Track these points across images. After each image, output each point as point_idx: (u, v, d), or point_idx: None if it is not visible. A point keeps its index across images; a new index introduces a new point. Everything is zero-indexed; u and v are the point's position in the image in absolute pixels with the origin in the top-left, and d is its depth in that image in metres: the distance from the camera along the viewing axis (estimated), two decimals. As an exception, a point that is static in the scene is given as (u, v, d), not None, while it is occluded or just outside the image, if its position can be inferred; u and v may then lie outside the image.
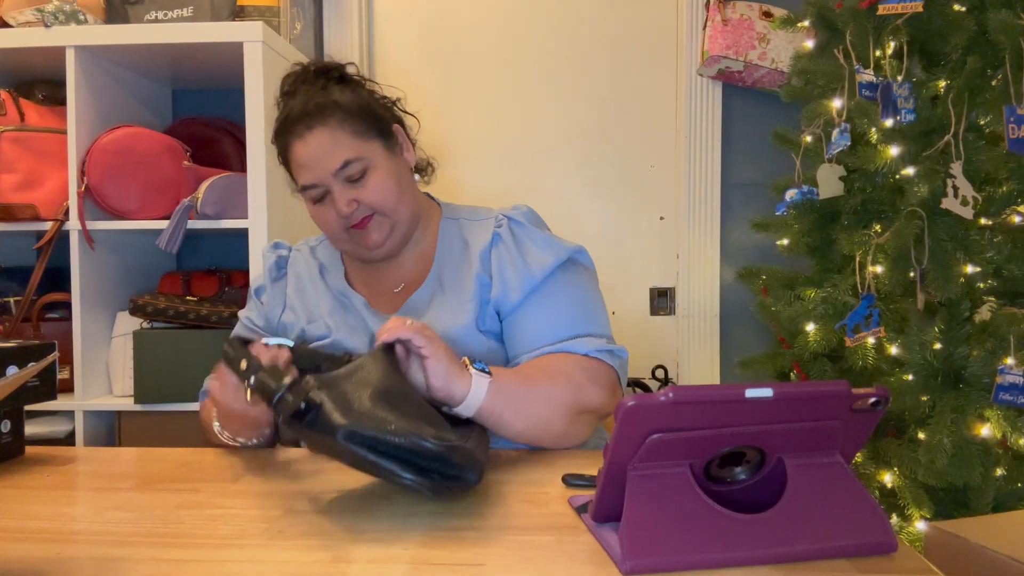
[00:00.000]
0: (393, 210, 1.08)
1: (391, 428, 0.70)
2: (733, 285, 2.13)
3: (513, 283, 1.07)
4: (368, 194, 1.06)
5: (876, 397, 0.64)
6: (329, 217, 1.08)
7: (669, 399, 0.59)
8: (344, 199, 1.06)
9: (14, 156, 1.68)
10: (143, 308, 1.67)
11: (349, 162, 1.05)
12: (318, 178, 1.06)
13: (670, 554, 0.61)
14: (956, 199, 1.37)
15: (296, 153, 1.08)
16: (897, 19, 1.48)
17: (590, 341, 1.04)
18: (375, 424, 0.71)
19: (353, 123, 1.07)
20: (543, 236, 1.12)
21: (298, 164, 1.08)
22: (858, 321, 1.46)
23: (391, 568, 0.63)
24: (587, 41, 2.19)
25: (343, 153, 1.05)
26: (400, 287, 1.16)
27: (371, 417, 0.72)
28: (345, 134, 1.06)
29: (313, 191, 1.08)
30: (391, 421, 0.72)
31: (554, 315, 1.06)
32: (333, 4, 2.16)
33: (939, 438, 1.32)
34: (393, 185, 1.09)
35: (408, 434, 0.70)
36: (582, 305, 1.09)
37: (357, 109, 1.08)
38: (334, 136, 1.05)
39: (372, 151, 1.08)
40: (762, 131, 2.02)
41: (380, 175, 1.08)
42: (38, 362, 0.82)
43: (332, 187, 1.06)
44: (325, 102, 1.06)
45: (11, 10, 1.70)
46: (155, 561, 0.65)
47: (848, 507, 0.65)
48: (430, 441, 0.70)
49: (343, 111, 1.07)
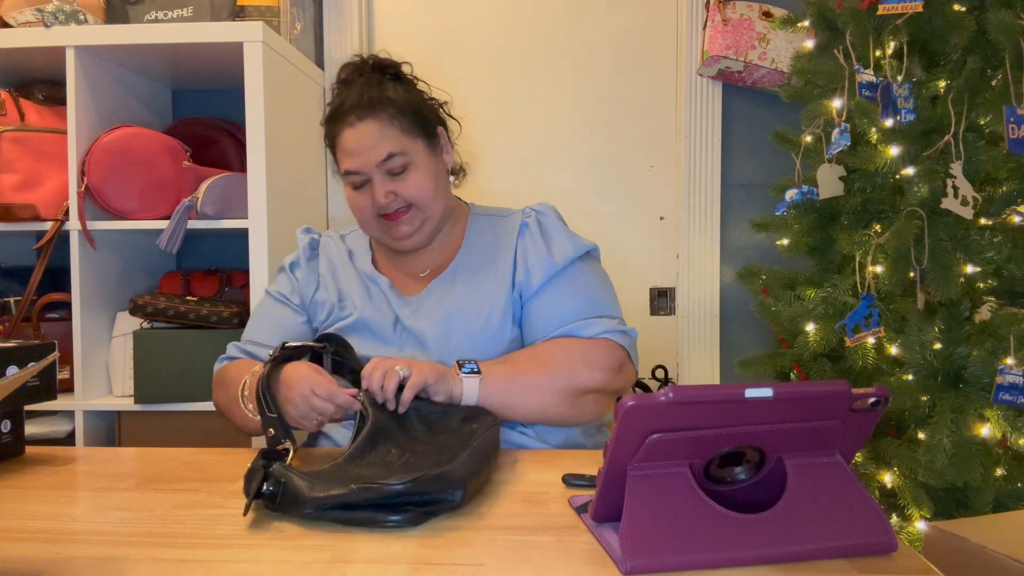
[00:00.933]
0: (427, 206, 1.14)
1: (351, 487, 0.74)
2: (733, 285, 2.13)
3: (536, 269, 1.14)
4: (406, 188, 1.13)
5: (876, 397, 0.64)
6: (365, 204, 1.14)
7: (669, 399, 0.59)
8: (383, 190, 1.12)
9: (14, 156, 1.68)
10: (143, 308, 1.67)
11: (393, 155, 1.11)
12: (362, 166, 1.12)
13: (670, 554, 0.61)
14: (956, 199, 1.37)
15: (344, 140, 1.13)
16: (897, 19, 1.48)
17: (600, 322, 1.10)
18: (339, 485, 0.74)
19: (402, 120, 1.13)
20: (566, 230, 1.20)
21: (344, 151, 1.14)
22: (858, 321, 1.46)
23: (391, 568, 0.63)
24: (587, 41, 2.19)
25: (388, 146, 1.11)
26: (426, 271, 1.21)
27: (336, 479, 0.76)
28: (393, 129, 1.12)
29: (355, 177, 1.14)
30: (352, 479, 0.75)
31: (569, 300, 1.13)
32: (333, 4, 2.16)
33: (939, 438, 1.32)
34: (431, 183, 1.15)
35: (370, 485, 0.73)
36: (595, 291, 1.16)
37: (407, 107, 1.14)
38: (382, 130, 1.12)
39: (415, 148, 1.14)
40: (762, 131, 2.02)
41: (420, 172, 1.14)
42: (38, 362, 0.82)
43: (373, 177, 1.12)
44: (379, 96, 1.13)
45: (11, 10, 1.70)
46: (155, 561, 0.65)
47: (848, 507, 0.65)
48: (392, 484, 0.73)
49: (394, 107, 1.13)
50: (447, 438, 0.90)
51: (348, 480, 0.75)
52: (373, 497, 0.73)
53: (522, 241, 1.18)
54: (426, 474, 0.74)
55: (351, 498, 0.73)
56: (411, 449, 0.87)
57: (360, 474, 0.79)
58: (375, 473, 0.78)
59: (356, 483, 0.74)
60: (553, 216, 1.21)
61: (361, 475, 0.78)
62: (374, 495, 0.73)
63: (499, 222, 1.23)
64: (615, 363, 1.09)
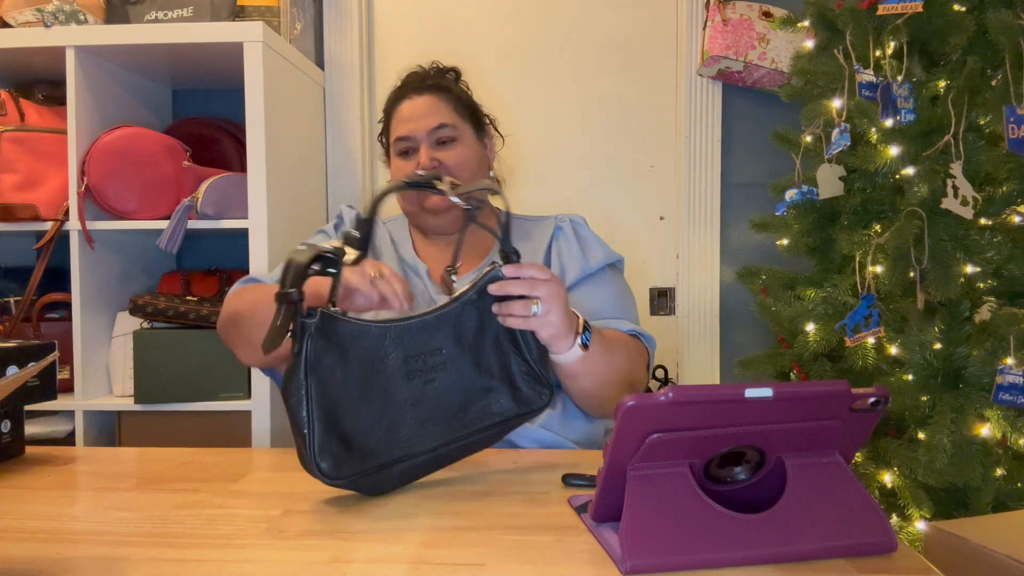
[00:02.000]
0: (466, 180, 1.19)
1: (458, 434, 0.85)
2: (733, 285, 2.13)
3: (570, 267, 1.20)
4: (450, 158, 1.20)
5: (876, 397, 0.64)
6: (408, 170, 1.21)
7: (669, 399, 0.59)
8: (428, 155, 1.20)
9: (14, 156, 1.68)
10: (143, 308, 1.67)
11: (444, 125, 1.21)
12: (413, 131, 1.21)
13: (670, 554, 0.61)
14: (956, 199, 1.37)
15: (401, 109, 1.24)
16: (897, 19, 1.48)
17: (628, 324, 1.15)
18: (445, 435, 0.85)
19: (456, 104, 1.24)
20: (598, 239, 1.26)
21: (400, 119, 1.23)
22: (858, 321, 1.46)
23: (391, 568, 0.63)
24: (587, 41, 2.19)
25: (441, 117, 1.21)
26: (459, 264, 1.20)
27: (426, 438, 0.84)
28: (447, 107, 1.23)
29: (404, 143, 1.22)
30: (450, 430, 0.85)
31: (599, 300, 1.17)
32: (333, 4, 2.16)
33: (939, 438, 1.32)
34: (473, 162, 1.23)
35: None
36: (622, 298, 1.21)
37: (463, 97, 1.27)
38: (438, 103, 1.23)
39: (465, 130, 1.24)
40: (762, 131, 2.02)
41: (465, 149, 1.23)
42: (38, 362, 0.82)
43: (421, 143, 1.21)
44: (440, 82, 1.26)
45: (11, 10, 1.70)
46: (155, 561, 0.65)
47: (848, 507, 0.65)
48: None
49: (451, 93, 1.25)
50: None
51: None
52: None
53: (556, 242, 1.24)
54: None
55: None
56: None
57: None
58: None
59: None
60: (586, 225, 1.28)
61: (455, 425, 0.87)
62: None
63: (532, 224, 1.29)
64: (647, 363, 1.14)
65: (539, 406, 0.90)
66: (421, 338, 0.85)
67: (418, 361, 0.84)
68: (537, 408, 0.90)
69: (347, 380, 0.80)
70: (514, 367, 0.90)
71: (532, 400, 0.90)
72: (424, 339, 0.85)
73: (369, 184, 2.21)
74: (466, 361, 0.87)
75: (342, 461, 0.78)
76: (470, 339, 0.88)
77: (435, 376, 0.85)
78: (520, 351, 0.91)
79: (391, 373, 0.83)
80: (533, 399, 0.90)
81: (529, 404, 0.90)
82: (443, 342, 0.86)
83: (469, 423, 0.86)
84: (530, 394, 0.90)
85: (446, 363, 0.86)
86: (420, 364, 0.84)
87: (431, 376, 0.85)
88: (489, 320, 0.89)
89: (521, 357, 0.91)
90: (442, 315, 0.86)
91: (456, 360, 0.87)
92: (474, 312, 0.88)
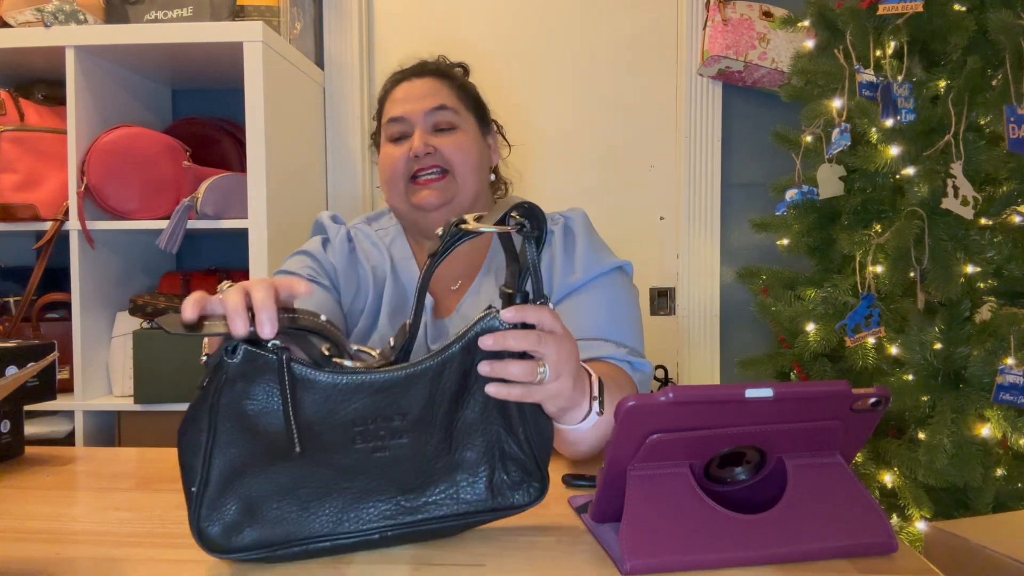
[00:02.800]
0: (463, 175, 1.06)
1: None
2: (733, 285, 2.13)
3: (555, 282, 1.04)
4: (448, 145, 1.06)
5: (876, 397, 0.64)
6: (399, 155, 1.06)
7: (669, 399, 0.59)
8: (423, 140, 1.05)
9: (14, 156, 1.68)
10: (143, 308, 1.67)
11: (444, 107, 1.07)
12: (408, 112, 1.07)
13: (670, 554, 0.61)
14: (956, 199, 1.37)
15: (397, 91, 1.10)
16: (897, 19, 1.47)
17: (608, 347, 0.96)
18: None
19: (459, 91, 1.11)
20: (592, 241, 1.08)
21: (395, 100, 1.10)
22: (858, 321, 1.46)
23: (391, 568, 0.63)
24: (587, 41, 2.19)
25: (441, 98, 1.08)
26: (457, 284, 1.11)
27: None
28: (449, 91, 1.10)
29: (397, 125, 1.08)
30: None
31: (582, 318, 0.99)
32: (333, 4, 2.16)
33: (939, 438, 1.32)
34: (474, 152, 1.09)
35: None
36: (612, 312, 1.02)
37: (466, 87, 1.14)
38: (439, 86, 1.09)
39: (467, 117, 1.10)
40: (762, 131, 2.02)
41: (466, 137, 1.08)
42: (38, 362, 0.82)
43: (416, 126, 1.06)
44: (442, 68, 1.14)
45: (11, 10, 1.70)
46: (155, 561, 0.65)
47: (848, 507, 0.65)
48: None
49: (454, 80, 1.12)
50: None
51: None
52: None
53: (547, 250, 1.06)
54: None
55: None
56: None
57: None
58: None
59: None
60: (581, 224, 1.09)
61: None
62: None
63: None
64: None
65: (521, 504, 0.69)
66: (382, 399, 0.66)
67: (371, 424, 0.66)
68: (518, 506, 0.69)
69: (269, 432, 0.64)
70: (501, 447, 0.69)
71: (514, 496, 0.69)
72: (386, 400, 0.66)
73: (369, 184, 2.21)
74: (435, 432, 0.67)
75: (235, 529, 0.63)
76: (446, 405, 0.68)
77: (388, 445, 0.66)
78: (512, 428, 0.69)
79: (333, 433, 0.65)
80: (516, 495, 0.69)
81: (509, 500, 0.69)
82: (410, 406, 0.66)
83: (424, 508, 0.67)
84: (513, 487, 0.69)
85: (408, 431, 0.67)
86: (372, 428, 0.66)
87: (383, 444, 0.66)
88: (476, 383, 0.68)
89: (513, 437, 0.69)
90: (414, 373, 0.66)
91: (422, 430, 0.67)
92: (457, 371, 0.67)
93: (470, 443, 0.68)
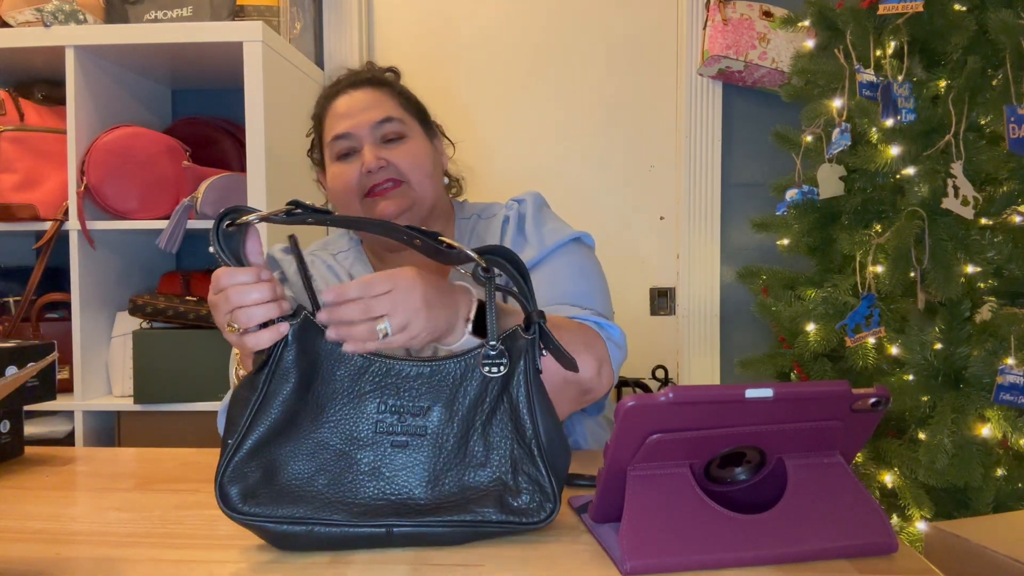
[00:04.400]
0: (419, 183, 1.04)
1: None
2: (733, 285, 2.13)
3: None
4: (400, 156, 1.03)
5: (876, 397, 0.63)
6: (351, 174, 1.03)
7: (669, 399, 0.59)
8: (374, 154, 1.02)
9: (14, 156, 1.68)
10: (143, 308, 1.67)
11: (390, 119, 1.04)
12: (354, 127, 1.04)
13: (670, 554, 0.61)
14: (956, 199, 1.37)
15: (337, 106, 1.06)
16: (897, 19, 1.47)
17: (571, 310, 0.96)
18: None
19: (400, 98, 1.08)
20: (543, 218, 1.09)
21: (336, 115, 1.06)
22: (858, 321, 1.45)
23: (391, 568, 0.63)
24: (587, 41, 2.19)
25: (386, 109, 1.05)
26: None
27: None
28: (391, 100, 1.07)
29: (343, 143, 1.04)
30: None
31: (541, 290, 0.98)
32: (333, 4, 2.16)
33: (939, 438, 1.32)
34: (426, 159, 1.06)
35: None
36: (574, 280, 1.02)
37: (405, 92, 1.11)
38: (380, 97, 1.06)
39: (413, 125, 1.08)
40: (762, 131, 2.02)
41: (415, 145, 1.06)
42: (38, 362, 0.82)
43: (364, 141, 1.04)
44: (378, 76, 1.10)
45: (11, 10, 1.70)
46: (155, 561, 0.65)
47: (848, 507, 0.65)
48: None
49: (393, 88, 1.09)
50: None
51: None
52: None
53: (504, 237, 1.09)
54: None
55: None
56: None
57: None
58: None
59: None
60: (532, 204, 1.10)
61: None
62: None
63: (483, 224, 1.13)
64: (601, 358, 0.92)
65: (533, 521, 0.68)
66: (409, 387, 0.70)
67: (394, 415, 0.70)
68: (529, 523, 0.68)
69: (303, 405, 0.69)
70: (516, 462, 0.70)
71: (526, 511, 0.69)
72: (412, 390, 0.70)
73: (369, 184, 2.20)
74: (453, 435, 0.70)
75: (252, 494, 0.66)
76: (463, 411, 0.71)
77: (409, 441, 0.69)
78: (526, 445, 0.71)
79: (360, 416, 0.69)
80: (528, 510, 0.69)
81: (521, 515, 0.68)
82: (433, 401, 0.70)
83: (435, 511, 0.68)
84: (527, 502, 0.69)
85: (427, 429, 0.70)
86: (396, 419, 0.70)
87: (404, 440, 0.69)
88: (492, 397, 0.71)
89: (528, 455, 0.70)
90: (439, 367, 0.71)
91: (441, 430, 0.70)
92: (478, 380, 0.71)
93: (488, 454, 0.71)
